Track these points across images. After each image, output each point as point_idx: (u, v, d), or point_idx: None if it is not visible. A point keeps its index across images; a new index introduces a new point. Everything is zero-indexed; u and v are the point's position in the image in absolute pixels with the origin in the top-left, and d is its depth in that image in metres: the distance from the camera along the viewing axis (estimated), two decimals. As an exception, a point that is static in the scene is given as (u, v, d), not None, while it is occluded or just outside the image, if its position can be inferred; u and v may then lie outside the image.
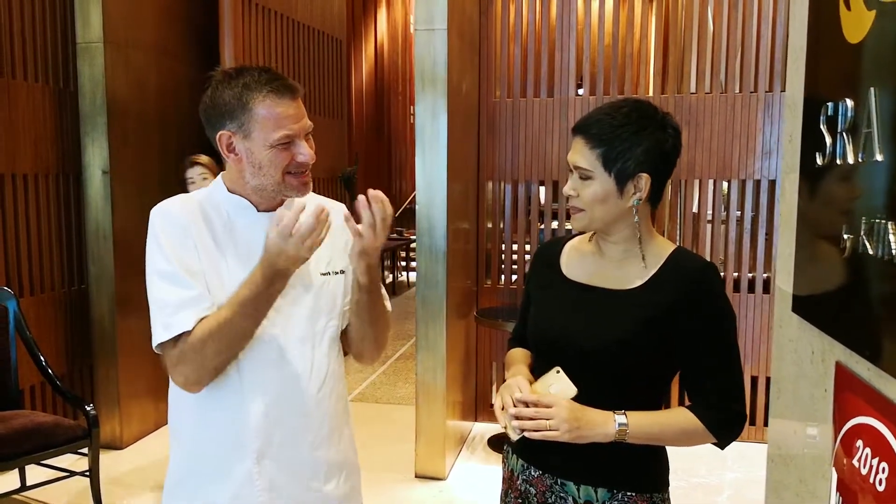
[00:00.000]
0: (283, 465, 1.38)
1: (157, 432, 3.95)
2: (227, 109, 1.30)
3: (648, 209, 1.32)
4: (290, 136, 1.31)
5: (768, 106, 3.63)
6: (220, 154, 1.37)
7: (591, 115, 1.30)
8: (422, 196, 3.27)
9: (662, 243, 1.34)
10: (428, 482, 3.35)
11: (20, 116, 3.42)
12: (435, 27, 3.16)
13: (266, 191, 1.35)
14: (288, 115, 1.31)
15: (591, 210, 1.28)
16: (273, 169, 1.31)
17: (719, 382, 1.26)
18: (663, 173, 1.29)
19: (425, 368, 3.32)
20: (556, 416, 1.21)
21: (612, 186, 1.25)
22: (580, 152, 1.27)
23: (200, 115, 1.37)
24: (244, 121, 1.30)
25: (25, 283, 3.51)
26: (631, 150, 1.24)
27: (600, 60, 3.78)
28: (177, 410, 1.42)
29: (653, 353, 1.27)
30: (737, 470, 3.48)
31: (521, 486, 1.40)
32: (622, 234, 1.31)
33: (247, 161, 1.32)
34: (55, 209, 3.66)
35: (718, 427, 1.26)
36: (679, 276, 1.28)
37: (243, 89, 1.30)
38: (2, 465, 2.70)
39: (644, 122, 1.25)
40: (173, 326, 1.27)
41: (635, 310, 1.27)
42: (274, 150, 1.30)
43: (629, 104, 1.28)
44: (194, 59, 4.24)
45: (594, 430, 1.23)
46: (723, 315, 1.27)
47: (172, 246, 1.31)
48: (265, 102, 1.29)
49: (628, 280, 1.31)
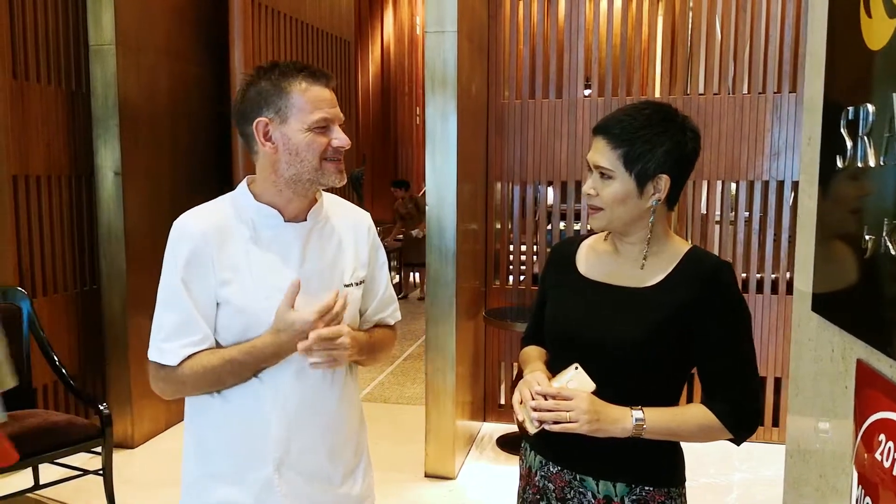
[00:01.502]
0: (302, 472, 1.40)
1: (168, 432, 3.97)
2: (265, 97, 1.32)
3: (665, 210, 1.34)
4: (327, 119, 1.33)
5: (777, 107, 3.65)
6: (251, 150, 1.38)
7: (613, 115, 1.31)
8: (432, 197, 3.29)
9: (678, 243, 1.36)
10: (437, 482, 3.36)
11: (33, 118, 3.45)
12: (445, 29, 3.18)
13: (300, 182, 1.35)
14: (324, 97, 1.33)
15: (611, 210, 1.29)
16: (310, 154, 1.33)
17: (734, 380, 1.28)
18: (682, 175, 1.30)
19: (435, 368, 3.34)
20: (575, 409, 1.23)
21: (632, 187, 1.27)
22: (601, 152, 1.29)
23: (233, 113, 1.39)
24: (281, 105, 1.31)
25: (38, 284, 3.53)
26: (652, 152, 1.26)
27: (608, 61, 3.80)
28: (195, 413, 1.43)
29: (669, 351, 1.28)
30: (745, 470, 3.49)
31: (539, 482, 1.42)
32: (639, 235, 1.33)
33: (283, 148, 1.33)
34: (67, 210, 3.69)
35: (734, 423, 1.27)
36: (694, 274, 1.29)
37: (280, 76, 1.32)
38: (16, 464, 2.72)
39: (665, 125, 1.27)
40: (163, 354, 1.34)
41: (651, 308, 1.29)
42: (311, 134, 1.32)
43: (651, 106, 1.30)
44: (204, 62, 4.27)
45: (613, 425, 1.25)
46: (738, 313, 1.28)
47: (184, 267, 1.34)
48: (301, 86, 1.32)
49: (644, 279, 1.32)
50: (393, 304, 1.58)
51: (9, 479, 3.18)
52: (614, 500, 1.32)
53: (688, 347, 1.29)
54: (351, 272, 1.45)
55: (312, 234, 1.41)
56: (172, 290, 1.34)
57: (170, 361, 1.33)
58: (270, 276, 1.35)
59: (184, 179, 4.09)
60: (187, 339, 1.33)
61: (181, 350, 1.33)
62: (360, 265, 1.48)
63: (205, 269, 1.33)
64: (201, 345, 1.34)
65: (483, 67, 3.80)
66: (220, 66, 4.24)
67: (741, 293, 1.32)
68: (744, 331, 1.29)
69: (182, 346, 1.33)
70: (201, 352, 1.34)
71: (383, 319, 1.55)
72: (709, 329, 1.27)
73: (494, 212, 3.98)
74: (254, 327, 1.34)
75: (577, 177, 3.87)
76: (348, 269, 1.45)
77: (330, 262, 1.43)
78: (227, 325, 1.36)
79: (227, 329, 1.36)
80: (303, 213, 1.41)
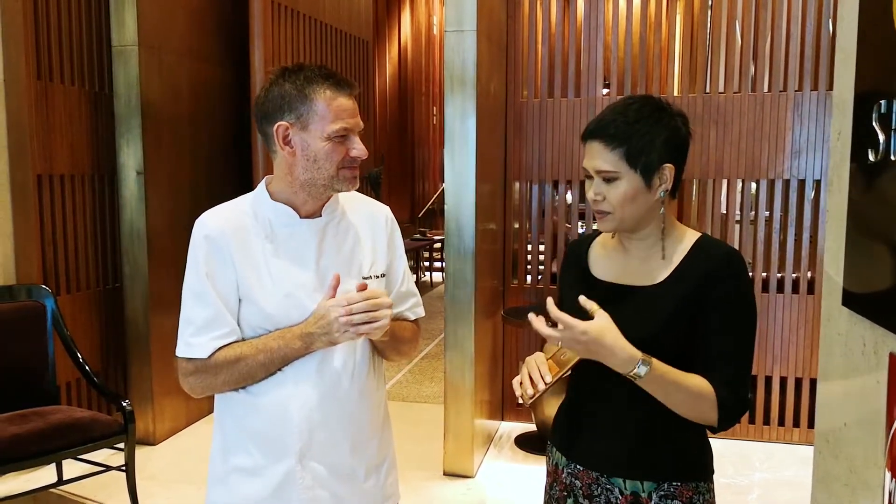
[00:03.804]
0: (325, 465, 1.41)
1: (189, 429, 4.01)
2: (287, 101, 1.33)
3: (670, 200, 1.33)
4: (347, 129, 1.35)
5: (798, 105, 3.61)
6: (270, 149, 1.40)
7: (601, 117, 1.30)
8: (451, 197, 3.29)
9: (687, 233, 1.34)
10: (456, 480, 3.37)
11: (57, 119, 3.50)
12: (464, 28, 3.19)
13: (315, 186, 1.37)
14: (346, 108, 1.35)
15: (621, 211, 1.28)
16: (328, 163, 1.35)
17: (731, 365, 1.26)
18: (682, 162, 1.31)
19: (454, 367, 3.34)
20: (570, 336, 1.20)
21: (639, 183, 1.27)
22: (600, 156, 1.27)
23: (254, 111, 1.40)
24: (303, 112, 1.33)
25: (62, 282, 3.58)
26: (652, 143, 1.25)
27: (627, 60, 3.79)
28: (223, 405, 1.45)
29: (680, 347, 1.27)
30: (765, 470, 3.47)
31: (566, 478, 1.42)
32: (648, 230, 1.32)
33: (301, 154, 1.35)
34: (90, 209, 3.74)
35: (725, 405, 1.24)
36: (702, 262, 1.28)
37: (305, 81, 1.33)
38: (40, 460, 2.75)
39: (658, 115, 1.27)
40: (192, 348, 1.35)
41: (660, 305, 1.28)
42: (330, 143, 1.34)
43: (637, 100, 1.30)
44: (225, 62, 4.31)
45: (609, 359, 1.22)
46: (743, 300, 1.27)
47: (205, 263, 1.36)
48: (325, 94, 1.33)
49: (653, 275, 1.32)
50: (413, 298, 1.57)
51: (33, 475, 3.22)
52: (642, 496, 1.31)
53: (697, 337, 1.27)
54: (369, 265, 1.46)
55: (328, 229, 1.43)
56: (198, 286, 1.36)
57: (200, 354, 1.35)
58: (288, 274, 1.37)
59: (204, 179, 4.13)
60: (216, 333, 1.35)
61: (211, 343, 1.35)
62: (378, 258, 1.48)
63: (225, 265, 1.36)
64: (230, 337, 1.36)
65: (502, 67, 3.80)
66: (241, 66, 4.28)
67: (750, 282, 1.30)
68: (748, 319, 1.28)
69: (211, 339, 1.35)
70: (231, 343, 1.36)
71: (402, 314, 1.54)
72: (713, 316, 1.25)
73: (512, 211, 3.98)
74: (275, 322, 1.36)
75: (596, 176, 3.85)
76: (366, 262, 1.46)
77: (347, 257, 1.44)
78: (248, 321, 1.38)
79: (249, 325, 1.38)
80: (318, 210, 1.43)
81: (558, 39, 3.85)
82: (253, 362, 1.34)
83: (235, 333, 1.37)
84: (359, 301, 1.30)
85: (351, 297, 1.31)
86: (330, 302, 1.32)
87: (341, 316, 1.29)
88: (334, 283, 1.34)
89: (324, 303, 1.33)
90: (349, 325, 1.29)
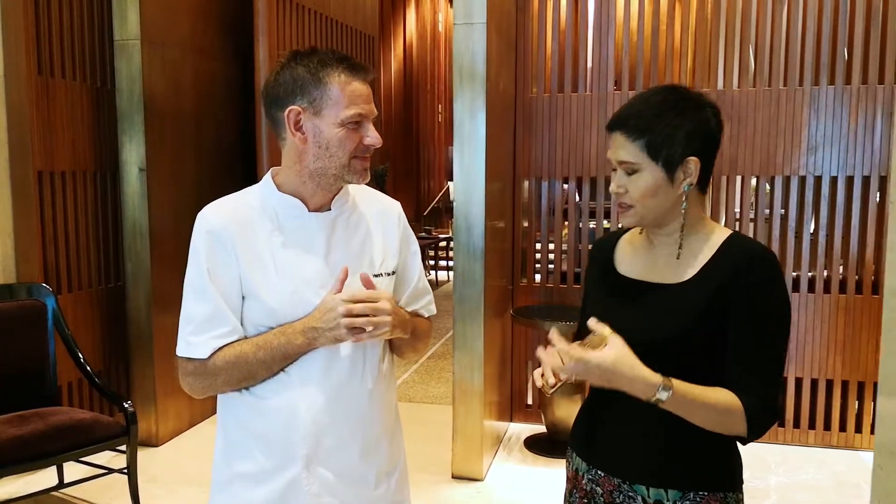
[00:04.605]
0: (333, 471, 1.35)
1: (192, 430, 3.95)
2: (300, 84, 1.27)
3: (698, 195, 1.28)
4: (362, 115, 1.28)
5: (814, 100, 3.54)
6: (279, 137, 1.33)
7: (625, 108, 1.26)
8: (460, 194, 3.22)
9: (717, 230, 1.29)
10: (465, 483, 3.30)
11: (58, 115, 3.44)
12: (474, 21, 3.12)
13: (325, 176, 1.30)
14: (361, 93, 1.28)
15: (643, 204, 1.24)
16: (340, 150, 1.28)
17: (760, 371, 1.20)
18: (710, 154, 1.25)
19: (462, 367, 3.27)
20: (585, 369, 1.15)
21: (661, 175, 1.22)
22: (622, 146, 1.24)
23: (264, 95, 1.33)
24: (316, 96, 1.26)
25: (63, 280, 3.52)
26: (675, 135, 1.21)
27: (640, 54, 3.71)
28: (226, 407, 1.39)
29: (707, 347, 1.22)
30: (781, 474, 3.40)
31: (586, 485, 1.36)
32: (674, 225, 1.28)
33: (313, 140, 1.29)
34: (92, 206, 3.68)
35: (754, 415, 1.19)
36: (732, 261, 1.23)
37: (318, 65, 1.27)
38: (40, 462, 2.70)
39: (682, 105, 1.23)
40: (192, 347, 1.29)
41: (685, 304, 1.23)
42: (343, 130, 1.27)
43: (662, 90, 1.26)
44: (228, 57, 4.24)
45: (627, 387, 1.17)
46: (776, 301, 1.21)
47: (207, 258, 1.29)
48: (340, 78, 1.27)
49: (680, 272, 1.27)
50: (427, 295, 1.52)
51: (33, 478, 3.16)
52: (665, 505, 1.25)
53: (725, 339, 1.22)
54: (380, 262, 1.40)
55: (338, 223, 1.37)
56: (199, 283, 1.30)
57: (200, 354, 1.28)
58: (295, 268, 1.31)
59: (208, 176, 4.07)
60: (217, 331, 1.29)
61: (211, 342, 1.28)
62: (389, 255, 1.42)
63: (228, 260, 1.29)
64: (231, 336, 1.30)
65: (511, 61, 3.73)
66: (245, 61, 4.21)
67: (783, 283, 1.24)
68: (782, 322, 1.22)
69: (211, 337, 1.28)
70: (232, 343, 1.30)
71: (417, 312, 1.49)
72: (742, 315, 1.20)
73: (521, 209, 3.90)
74: (280, 320, 1.30)
75: (608, 172, 3.78)
76: (377, 258, 1.40)
77: (357, 252, 1.38)
78: (252, 319, 1.31)
79: (252, 322, 1.32)
80: (327, 203, 1.36)
81: (568, 33, 3.77)
82: (253, 360, 1.28)
83: (237, 332, 1.30)
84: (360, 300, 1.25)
85: (355, 296, 1.25)
86: (338, 296, 1.26)
87: (342, 314, 1.24)
88: (342, 277, 1.29)
89: (330, 297, 1.27)
90: (350, 325, 1.24)
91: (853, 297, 3.59)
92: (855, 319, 3.59)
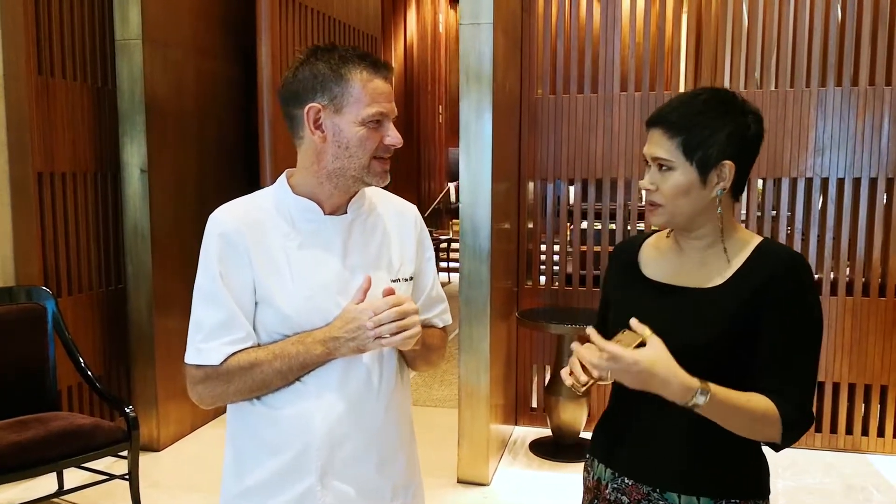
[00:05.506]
0: (348, 484, 1.30)
1: (194, 434, 3.90)
2: (320, 81, 1.23)
3: (731, 201, 1.26)
4: (383, 114, 1.25)
5: (821, 102, 3.51)
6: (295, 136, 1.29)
7: (667, 104, 1.25)
8: (466, 196, 3.19)
9: (747, 236, 1.28)
10: (471, 487, 3.27)
11: (59, 115, 3.40)
12: (480, 21, 3.09)
13: (344, 177, 1.27)
14: (382, 91, 1.25)
15: (673, 204, 1.23)
16: (360, 150, 1.24)
17: (796, 379, 1.19)
18: (747, 161, 1.24)
19: (469, 371, 3.24)
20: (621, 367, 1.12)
21: (694, 176, 1.21)
22: (658, 143, 1.22)
23: (282, 93, 1.29)
24: (337, 93, 1.23)
25: (63, 283, 3.48)
26: (713, 137, 1.19)
27: (646, 56, 3.68)
28: (236, 417, 1.34)
29: (738, 352, 1.21)
30: (787, 478, 3.37)
31: (610, 494, 1.33)
32: (704, 229, 1.26)
33: (332, 140, 1.25)
34: (93, 208, 3.63)
35: (791, 422, 1.18)
36: (764, 268, 1.21)
37: (340, 61, 1.23)
38: (40, 468, 2.65)
39: (724, 108, 1.21)
40: (203, 354, 1.25)
41: (718, 308, 1.21)
42: (364, 129, 1.24)
43: (706, 91, 1.25)
44: (231, 57, 4.20)
45: (664, 390, 1.13)
46: (810, 308, 1.20)
47: (219, 262, 1.25)
48: (362, 75, 1.23)
49: (711, 277, 1.25)
50: (441, 304, 1.47)
51: (33, 484, 3.12)
52: (697, 513, 1.22)
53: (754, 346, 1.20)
54: (398, 267, 1.36)
55: (354, 226, 1.33)
56: (211, 287, 1.25)
57: (212, 361, 1.24)
58: (311, 273, 1.27)
59: (210, 177, 4.02)
60: (230, 337, 1.24)
61: (223, 348, 1.24)
62: (406, 260, 1.38)
63: (241, 264, 1.25)
64: (245, 343, 1.25)
65: (516, 61, 3.70)
66: (247, 61, 4.17)
67: (816, 291, 1.23)
68: (815, 330, 1.21)
69: (224, 343, 1.24)
70: (246, 349, 1.25)
71: (430, 321, 1.44)
72: (776, 322, 1.18)
73: (527, 210, 3.87)
74: (294, 327, 1.26)
75: (613, 174, 3.76)
76: (395, 263, 1.36)
77: (374, 257, 1.34)
78: (265, 326, 1.27)
79: (266, 329, 1.27)
80: (343, 206, 1.32)
81: (574, 34, 3.74)
82: (269, 369, 1.23)
83: (251, 338, 1.26)
84: (385, 308, 1.20)
85: (377, 305, 1.21)
86: (361, 305, 1.22)
87: (369, 326, 1.19)
88: (365, 286, 1.25)
89: (352, 306, 1.23)
90: (378, 335, 1.20)
91: (860, 299, 3.57)
92: (862, 322, 3.57)
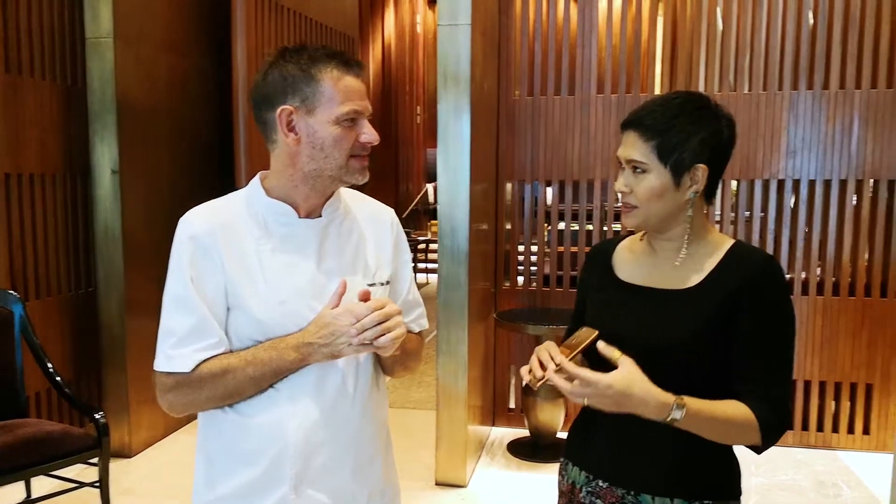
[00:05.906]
0: (323, 492, 1.28)
1: (167, 439, 3.84)
2: (290, 83, 1.21)
3: (703, 203, 1.28)
4: (358, 111, 1.23)
5: (793, 105, 3.57)
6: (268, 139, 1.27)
7: (643, 107, 1.26)
8: (444, 196, 3.18)
9: (720, 239, 1.29)
10: (449, 489, 3.26)
11: (27, 114, 3.32)
12: (459, 22, 3.08)
13: (321, 178, 1.24)
14: (355, 89, 1.23)
15: (647, 206, 1.24)
16: (336, 150, 1.22)
17: (772, 381, 1.21)
18: (719, 165, 1.26)
19: (447, 373, 3.23)
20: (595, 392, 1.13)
21: (668, 179, 1.22)
22: (633, 145, 1.23)
23: (253, 97, 1.27)
24: (308, 94, 1.21)
25: (31, 287, 3.39)
26: (687, 141, 1.21)
27: (622, 58, 3.71)
28: (207, 426, 1.31)
29: (709, 354, 1.22)
30: (761, 475, 3.42)
31: (584, 498, 1.33)
32: (677, 231, 1.27)
33: (306, 141, 1.22)
34: (62, 210, 3.55)
35: (768, 425, 1.19)
36: (738, 270, 1.23)
37: (309, 61, 1.21)
38: (7, 477, 2.57)
39: (699, 112, 1.23)
40: (173, 360, 1.22)
41: (692, 310, 1.23)
42: (338, 129, 1.22)
43: (681, 95, 1.26)
44: (205, 56, 4.14)
45: (640, 410, 1.14)
46: (783, 310, 1.22)
47: (190, 266, 1.22)
48: (332, 74, 1.21)
49: (684, 279, 1.26)
50: (418, 308, 1.46)
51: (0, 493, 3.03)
52: (670, 515, 1.23)
53: (730, 348, 1.22)
54: (374, 271, 1.34)
55: (329, 230, 1.31)
56: (181, 292, 1.22)
57: (182, 368, 1.21)
58: (285, 277, 1.24)
59: (184, 177, 3.96)
60: (201, 343, 1.21)
61: (194, 355, 1.21)
62: (383, 263, 1.37)
63: (213, 268, 1.22)
64: (217, 349, 1.22)
65: (494, 63, 3.70)
66: (222, 59, 4.11)
67: (788, 292, 1.26)
68: (789, 332, 1.23)
69: (195, 350, 1.21)
70: (218, 355, 1.22)
71: (407, 325, 1.41)
72: (751, 324, 1.20)
73: (505, 211, 3.88)
74: (267, 333, 1.23)
75: (590, 175, 3.78)
76: (371, 267, 1.34)
77: (350, 261, 1.32)
78: (237, 332, 1.25)
79: (238, 336, 1.25)
80: (318, 209, 1.30)
81: (552, 35, 3.76)
82: (242, 375, 1.21)
83: (223, 344, 1.23)
84: (367, 312, 1.18)
85: (357, 310, 1.19)
86: (336, 311, 1.20)
87: (352, 332, 1.17)
88: (341, 291, 1.23)
89: (327, 311, 1.21)
90: (361, 340, 1.18)
91: (831, 298, 3.63)
92: (832, 321, 3.63)
